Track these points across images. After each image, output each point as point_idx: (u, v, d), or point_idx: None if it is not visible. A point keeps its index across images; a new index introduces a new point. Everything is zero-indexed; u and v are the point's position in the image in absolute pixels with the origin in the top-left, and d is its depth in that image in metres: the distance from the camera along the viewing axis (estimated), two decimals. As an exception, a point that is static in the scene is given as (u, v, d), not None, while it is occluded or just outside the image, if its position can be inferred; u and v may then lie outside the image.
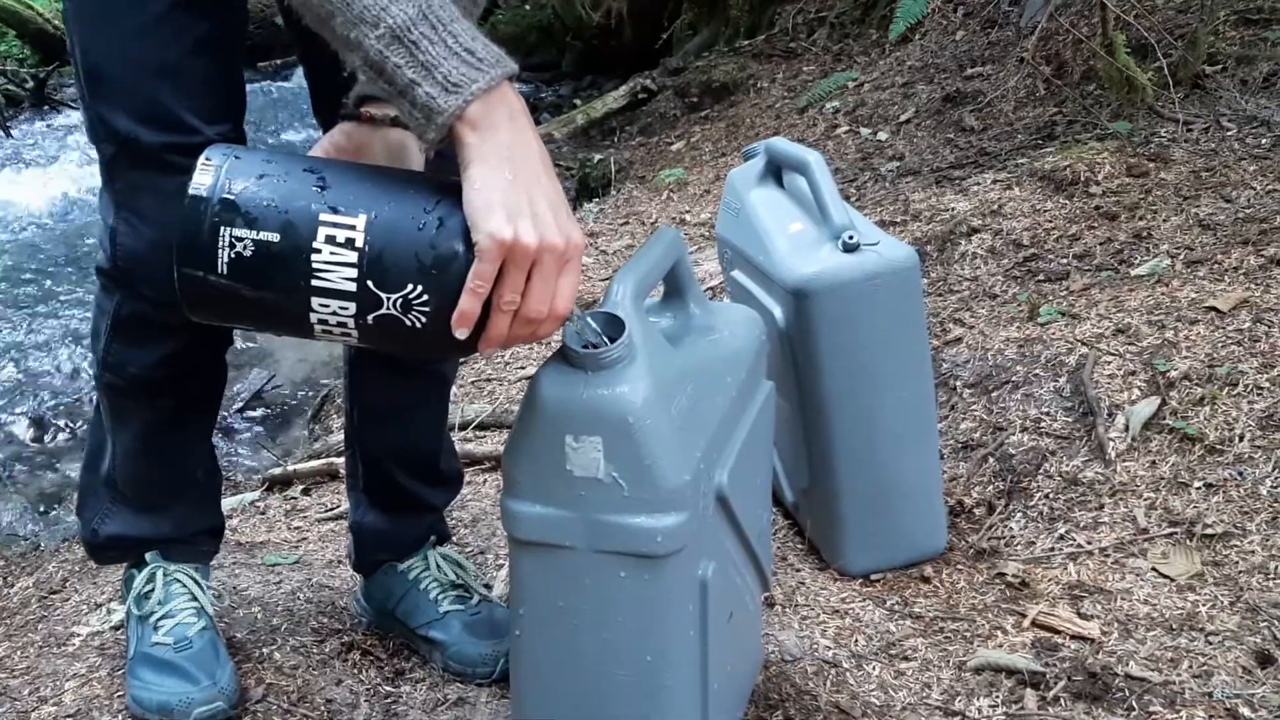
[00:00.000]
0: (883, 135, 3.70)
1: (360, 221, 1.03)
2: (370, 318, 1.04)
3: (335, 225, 1.03)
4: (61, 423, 3.20)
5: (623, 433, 1.07)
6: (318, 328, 1.07)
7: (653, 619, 1.14)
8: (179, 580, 1.51)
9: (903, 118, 3.74)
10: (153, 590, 1.49)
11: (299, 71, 1.52)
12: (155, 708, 1.42)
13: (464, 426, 2.40)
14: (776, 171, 1.86)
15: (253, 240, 1.03)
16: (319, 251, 1.03)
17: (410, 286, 1.03)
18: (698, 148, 4.32)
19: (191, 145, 1.25)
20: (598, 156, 4.66)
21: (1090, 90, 3.27)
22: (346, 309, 1.04)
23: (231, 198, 1.03)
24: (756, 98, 4.53)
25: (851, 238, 1.63)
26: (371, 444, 1.61)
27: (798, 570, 1.78)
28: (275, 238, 1.03)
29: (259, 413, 3.25)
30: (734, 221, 1.86)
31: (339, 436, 2.52)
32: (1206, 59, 3.10)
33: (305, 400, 3.25)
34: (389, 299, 1.03)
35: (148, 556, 1.51)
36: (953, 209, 2.83)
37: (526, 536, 1.13)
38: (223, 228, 1.03)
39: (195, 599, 1.50)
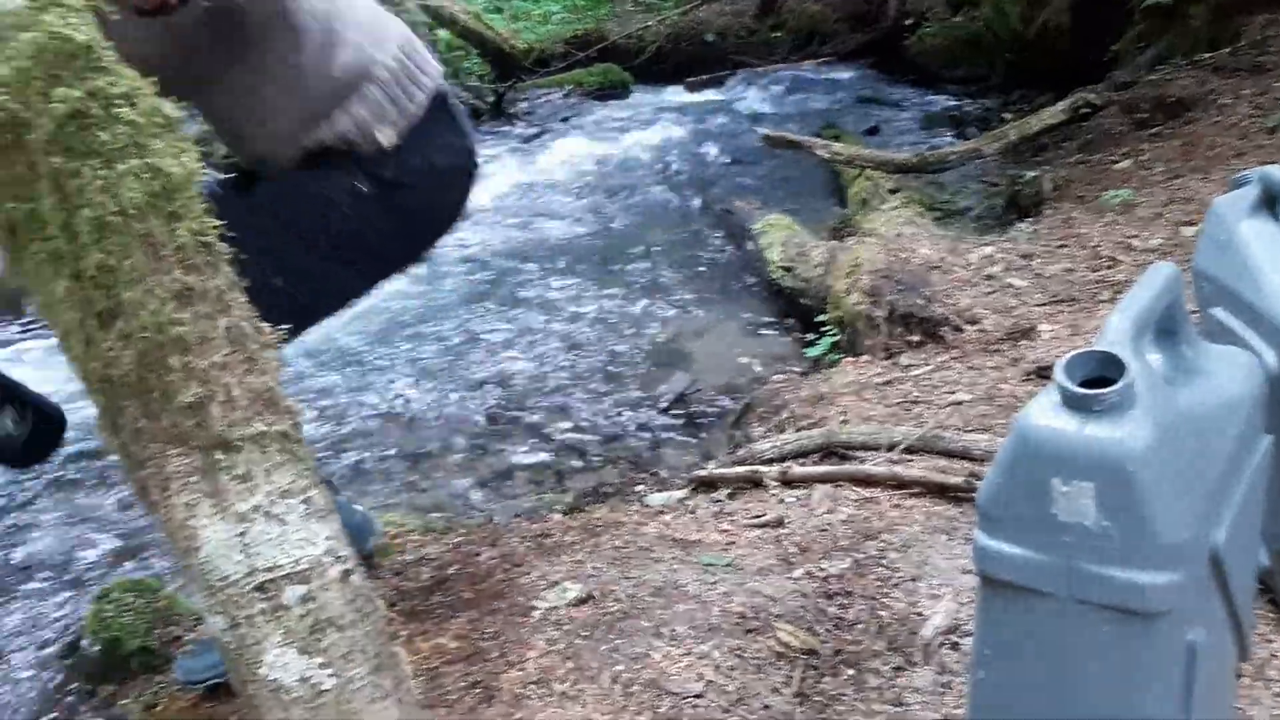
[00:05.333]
0: (1377, 159, 3.27)
1: None
2: None
3: None
4: (500, 407, 3.50)
5: (1120, 481, 1.01)
6: None
7: (1134, 681, 1.07)
8: None
9: (1404, 140, 3.30)
10: None
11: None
12: None
13: (890, 448, 2.38)
14: (1272, 202, 1.69)
15: None
16: None
17: None
18: (1147, 167, 4.02)
19: None
20: (1030, 174, 4.46)
21: None
22: None
23: None
24: (1218, 115, 4.15)
25: (1370, 280, 1.45)
26: None
27: (1270, 641, 1.61)
28: None
29: (681, 414, 3.40)
30: (1219, 255, 1.71)
31: (762, 444, 2.58)
32: None
33: (725, 407, 3.36)
34: None
35: None
36: None
37: (1002, 577, 1.09)
38: None
39: None
